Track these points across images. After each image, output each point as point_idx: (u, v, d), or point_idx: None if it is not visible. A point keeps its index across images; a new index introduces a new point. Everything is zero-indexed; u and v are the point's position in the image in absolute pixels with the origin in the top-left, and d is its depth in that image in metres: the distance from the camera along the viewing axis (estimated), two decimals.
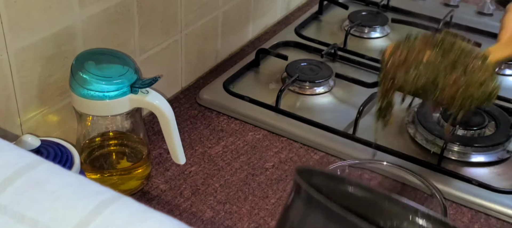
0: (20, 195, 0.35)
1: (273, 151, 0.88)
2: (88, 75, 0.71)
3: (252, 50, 1.09)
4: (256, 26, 1.17)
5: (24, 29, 0.69)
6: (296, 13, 1.27)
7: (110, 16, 0.80)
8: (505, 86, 1.04)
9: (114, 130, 0.80)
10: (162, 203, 0.79)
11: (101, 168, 0.79)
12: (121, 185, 0.79)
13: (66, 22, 0.74)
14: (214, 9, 1.02)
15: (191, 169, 0.84)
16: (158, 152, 0.87)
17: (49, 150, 0.66)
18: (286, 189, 0.81)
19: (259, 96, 0.97)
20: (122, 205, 0.35)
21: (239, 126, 0.93)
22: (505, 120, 0.91)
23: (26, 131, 0.74)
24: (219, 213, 0.77)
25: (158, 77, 0.73)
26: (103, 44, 0.81)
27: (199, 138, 0.90)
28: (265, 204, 0.79)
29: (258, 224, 0.76)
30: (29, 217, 0.34)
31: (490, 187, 0.81)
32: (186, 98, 0.99)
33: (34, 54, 0.72)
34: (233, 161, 0.86)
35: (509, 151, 0.87)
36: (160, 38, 0.91)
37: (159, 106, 0.74)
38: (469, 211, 0.80)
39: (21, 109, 0.73)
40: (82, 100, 0.72)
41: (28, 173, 0.37)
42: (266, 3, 1.17)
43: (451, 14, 1.21)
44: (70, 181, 0.37)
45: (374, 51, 1.11)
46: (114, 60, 0.74)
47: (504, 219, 0.79)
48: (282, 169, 0.85)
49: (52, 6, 0.72)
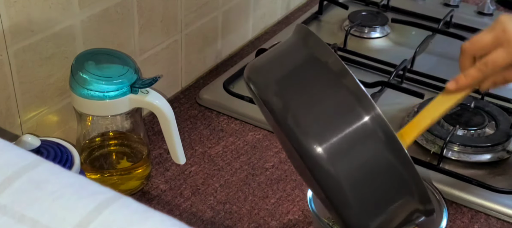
0: (20, 195, 0.35)
1: (273, 151, 0.88)
2: (88, 75, 0.71)
3: (252, 50, 1.09)
4: (256, 26, 1.17)
5: (24, 29, 0.69)
6: (296, 13, 1.27)
7: (110, 16, 0.80)
8: (505, 86, 1.05)
9: (114, 130, 0.80)
10: (162, 203, 0.79)
11: (101, 168, 0.79)
12: (121, 185, 0.79)
13: (66, 22, 0.74)
14: (214, 9, 1.02)
15: (191, 169, 0.84)
16: (158, 152, 0.87)
17: (49, 150, 0.66)
18: (286, 189, 0.81)
19: None
20: (122, 205, 0.35)
21: (239, 126, 0.93)
22: (505, 120, 0.91)
23: (26, 131, 0.74)
24: (219, 213, 0.77)
25: (158, 77, 0.73)
26: (103, 44, 0.81)
27: (199, 138, 0.90)
28: (265, 204, 0.79)
29: (258, 224, 0.76)
30: (29, 217, 0.34)
31: (490, 187, 0.81)
32: (186, 98, 0.99)
33: (34, 54, 0.72)
34: (233, 161, 0.86)
35: (509, 151, 0.87)
36: (160, 38, 0.91)
37: (159, 106, 0.74)
38: (469, 211, 0.80)
39: (21, 109, 0.73)
40: (82, 100, 0.72)
41: (28, 173, 0.37)
42: (266, 3, 1.17)
43: (451, 14, 1.21)
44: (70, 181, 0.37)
45: (374, 51, 1.11)
46: (114, 60, 0.74)
47: (504, 219, 0.79)
48: (282, 169, 0.85)
49: (52, 6, 0.72)
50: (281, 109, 0.53)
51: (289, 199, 0.80)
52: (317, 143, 0.51)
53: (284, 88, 0.55)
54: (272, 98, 0.54)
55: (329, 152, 0.51)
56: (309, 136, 0.52)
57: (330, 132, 0.52)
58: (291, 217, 0.77)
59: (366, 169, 0.52)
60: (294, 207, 0.79)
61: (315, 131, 0.52)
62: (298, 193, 0.81)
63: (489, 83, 0.69)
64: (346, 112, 0.53)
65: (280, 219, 0.77)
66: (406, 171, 0.53)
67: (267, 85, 0.56)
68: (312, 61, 0.56)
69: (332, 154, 0.51)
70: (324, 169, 0.51)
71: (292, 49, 0.59)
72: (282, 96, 0.54)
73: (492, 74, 0.67)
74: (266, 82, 0.56)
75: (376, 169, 0.52)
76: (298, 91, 0.55)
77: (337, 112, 0.53)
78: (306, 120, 0.53)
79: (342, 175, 0.52)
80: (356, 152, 0.52)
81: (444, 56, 1.11)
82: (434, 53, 1.13)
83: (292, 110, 0.53)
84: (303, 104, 0.54)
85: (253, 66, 0.60)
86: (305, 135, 0.52)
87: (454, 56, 0.79)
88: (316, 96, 0.54)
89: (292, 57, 0.58)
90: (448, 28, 1.20)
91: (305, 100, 0.54)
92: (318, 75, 0.55)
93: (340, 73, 0.54)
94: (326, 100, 0.54)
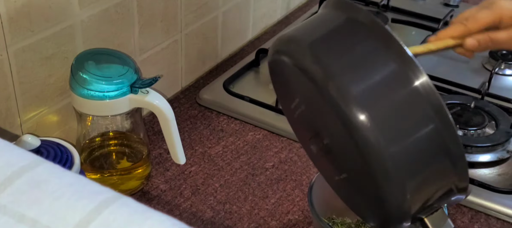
0: (20, 195, 0.35)
1: (273, 151, 0.88)
2: (88, 75, 0.71)
3: (252, 50, 1.09)
4: (256, 26, 1.17)
5: (24, 29, 0.69)
6: (296, 13, 1.27)
7: (110, 16, 0.80)
8: (505, 86, 1.05)
9: (114, 130, 0.80)
10: (162, 203, 0.79)
11: (101, 168, 0.79)
12: (121, 185, 0.79)
13: (66, 22, 0.74)
14: (214, 9, 1.02)
15: (191, 169, 0.84)
16: (158, 152, 0.87)
17: (49, 150, 0.66)
18: (286, 189, 0.81)
19: (259, 96, 0.97)
20: (122, 205, 0.35)
21: (239, 126, 0.93)
22: (505, 120, 0.91)
23: (26, 131, 0.74)
24: (219, 213, 0.77)
25: (158, 77, 0.73)
26: (103, 44, 0.81)
27: (199, 138, 0.90)
28: (265, 204, 0.79)
29: (258, 224, 0.76)
30: (29, 217, 0.34)
31: (490, 187, 0.81)
32: (186, 98, 0.99)
33: (34, 54, 0.72)
34: (233, 161, 0.86)
35: (509, 151, 0.87)
36: (160, 38, 0.91)
37: (159, 106, 0.74)
38: (469, 211, 0.80)
39: (21, 110, 0.73)
40: (82, 100, 0.72)
41: (28, 173, 0.37)
42: (266, 3, 1.17)
43: (451, 14, 1.21)
44: (70, 181, 0.37)
45: None
46: (114, 60, 0.74)
47: (504, 219, 0.79)
48: (282, 169, 0.85)
49: (52, 6, 0.72)
50: (323, 77, 0.50)
51: (289, 199, 0.80)
52: (364, 111, 0.48)
53: (323, 54, 0.51)
54: (312, 66, 0.51)
55: (376, 121, 0.48)
56: (354, 103, 0.48)
57: (376, 99, 0.49)
58: (291, 217, 0.77)
59: (413, 140, 0.49)
60: (294, 207, 0.79)
61: (360, 98, 0.49)
62: (298, 193, 0.81)
63: (474, 41, 0.68)
64: (393, 79, 0.49)
65: (280, 219, 0.77)
66: (453, 144, 0.50)
67: (304, 53, 0.52)
68: (350, 24, 0.52)
69: (379, 123, 0.48)
70: (370, 139, 0.48)
71: (325, 18, 0.55)
72: (322, 62, 0.51)
73: (475, 30, 0.67)
74: (301, 50, 0.52)
75: (423, 143, 0.49)
76: (339, 56, 0.51)
77: (383, 78, 0.50)
78: (350, 86, 0.49)
79: (388, 146, 0.48)
80: (404, 121, 0.49)
81: (444, 56, 1.11)
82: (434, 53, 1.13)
83: (335, 77, 0.50)
84: (346, 70, 0.50)
85: (282, 38, 0.56)
86: (350, 102, 0.49)
87: (454, 56, 0.80)
88: (359, 62, 0.51)
89: (327, 23, 0.54)
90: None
91: (347, 66, 0.50)
92: (359, 39, 0.51)
93: (384, 37, 0.50)
94: (370, 65, 0.50)
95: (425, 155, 0.50)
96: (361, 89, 0.50)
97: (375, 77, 0.50)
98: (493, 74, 1.02)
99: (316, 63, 0.51)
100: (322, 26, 0.55)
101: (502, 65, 1.08)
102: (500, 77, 1.07)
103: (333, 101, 0.49)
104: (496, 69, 1.05)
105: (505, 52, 1.10)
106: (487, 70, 1.07)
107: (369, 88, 0.50)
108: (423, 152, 0.50)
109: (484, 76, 1.04)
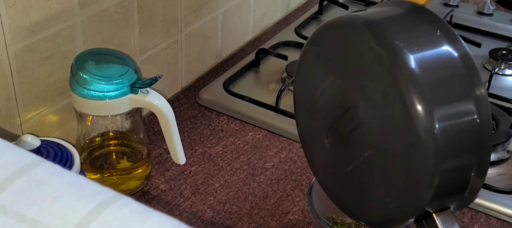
0: (20, 195, 0.35)
1: (273, 151, 0.88)
2: (88, 75, 0.71)
3: (252, 50, 1.09)
4: (256, 26, 1.17)
5: (24, 29, 0.69)
6: (296, 13, 1.27)
7: (110, 16, 0.80)
8: (505, 86, 1.05)
9: (114, 130, 0.80)
10: (162, 203, 0.79)
11: (101, 168, 0.79)
12: (121, 185, 0.79)
13: (66, 22, 0.74)
14: (214, 9, 1.02)
15: (191, 169, 0.84)
16: (158, 152, 0.87)
17: (49, 150, 0.66)
18: (286, 189, 0.81)
19: (259, 96, 0.97)
20: (122, 205, 0.35)
21: (239, 126, 0.93)
22: (505, 120, 0.91)
23: (26, 131, 0.74)
24: (219, 213, 0.77)
25: (158, 77, 0.73)
26: (103, 44, 0.81)
27: (199, 138, 0.90)
28: (265, 204, 0.79)
29: (258, 224, 0.76)
30: (29, 217, 0.34)
31: (490, 187, 0.81)
32: (186, 98, 0.99)
33: (34, 54, 0.72)
34: (233, 161, 0.86)
35: (509, 151, 0.87)
36: (160, 38, 0.91)
37: (159, 106, 0.74)
38: (469, 211, 0.80)
39: (21, 110, 0.73)
40: (82, 100, 0.72)
41: (28, 173, 0.37)
42: (266, 3, 1.17)
43: (451, 14, 1.21)
44: (70, 181, 0.37)
45: None
46: (114, 60, 0.74)
47: (504, 219, 0.79)
48: (282, 169, 0.85)
49: (52, 6, 0.72)
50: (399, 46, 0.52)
51: (289, 199, 0.80)
52: (424, 88, 0.51)
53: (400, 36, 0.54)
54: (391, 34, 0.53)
55: (432, 98, 0.51)
56: (414, 77, 0.51)
57: (437, 85, 0.52)
58: (291, 217, 0.78)
59: (459, 123, 0.52)
60: (294, 207, 0.79)
61: (422, 77, 0.51)
62: (298, 193, 0.81)
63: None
64: (458, 84, 0.53)
65: (280, 219, 0.77)
66: (486, 144, 0.53)
67: (385, 31, 0.54)
68: (416, 13, 0.56)
69: (434, 99, 0.51)
70: (426, 110, 0.50)
71: (388, 7, 0.59)
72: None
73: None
74: (383, 28, 0.54)
75: (465, 131, 0.52)
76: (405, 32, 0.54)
77: (449, 81, 0.53)
78: (415, 64, 0.52)
79: (440, 121, 0.51)
80: (454, 103, 0.52)
81: None
82: None
83: (405, 48, 0.52)
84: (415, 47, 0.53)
85: (343, 17, 0.61)
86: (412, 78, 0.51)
87: None
88: (424, 44, 0.54)
89: (389, 10, 0.58)
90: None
91: (416, 46, 0.53)
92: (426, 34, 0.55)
93: (453, 42, 0.55)
94: (436, 56, 0.54)
95: (463, 143, 0.52)
96: (423, 65, 0.52)
97: (436, 58, 0.54)
98: (493, 74, 1.02)
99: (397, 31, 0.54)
100: (386, 12, 0.58)
101: (502, 65, 1.08)
102: (500, 77, 1.07)
103: (402, 72, 0.51)
104: (496, 69, 1.05)
105: (505, 52, 1.10)
106: (487, 70, 1.07)
107: (432, 69, 0.53)
108: (462, 140, 0.52)
109: (484, 76, 1.04)
